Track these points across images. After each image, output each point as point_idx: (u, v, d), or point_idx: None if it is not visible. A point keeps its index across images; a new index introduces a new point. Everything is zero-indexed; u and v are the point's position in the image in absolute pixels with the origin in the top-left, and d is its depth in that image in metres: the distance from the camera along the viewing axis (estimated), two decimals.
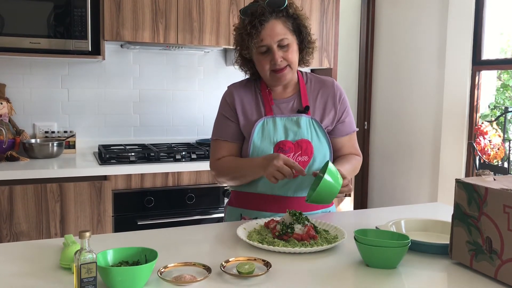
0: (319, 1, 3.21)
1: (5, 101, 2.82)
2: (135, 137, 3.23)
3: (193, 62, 3.33)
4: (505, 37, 3.24)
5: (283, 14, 1.62)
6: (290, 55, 1.63)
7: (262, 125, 1.68)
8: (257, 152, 1.67)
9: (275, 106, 1.71)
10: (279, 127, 1.67)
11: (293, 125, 1.68)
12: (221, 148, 1.74)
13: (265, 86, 1.73)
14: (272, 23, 1.60)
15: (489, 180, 1.23)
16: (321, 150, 1.69)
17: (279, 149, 1.65)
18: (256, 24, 1.58)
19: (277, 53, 1.61)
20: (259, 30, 1.58)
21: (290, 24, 1.64)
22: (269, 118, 1.68)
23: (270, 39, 1.59)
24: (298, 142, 1.67)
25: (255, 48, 1.62)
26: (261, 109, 1.71)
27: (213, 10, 2.92)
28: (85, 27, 2.66)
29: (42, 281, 1.14)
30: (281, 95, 1.74)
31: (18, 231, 2.41)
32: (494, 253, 1.15)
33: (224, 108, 1.75)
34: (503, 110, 3.11)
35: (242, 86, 1.76)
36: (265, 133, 1.67)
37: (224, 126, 1.74)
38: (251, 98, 1.73)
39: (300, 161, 1.66)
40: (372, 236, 1.29)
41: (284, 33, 1.61)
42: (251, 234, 1.45)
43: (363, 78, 4.00)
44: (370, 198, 4.06)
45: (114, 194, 2.58)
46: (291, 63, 1.64)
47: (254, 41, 1.59)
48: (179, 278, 1.12)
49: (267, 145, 1.66)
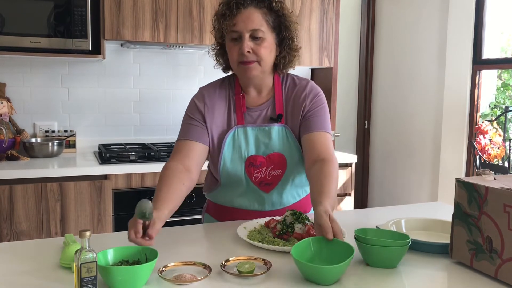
0: (319, 1, 3.21)
1: (5, 100, 2.82)
2: (136, 136, 3.23)
3: (193, 61, 3.33)
4: (506, 37, 3.24)
5: (265, 5, 1.52)
6: (261, 49, 1.50)
7: (233, 136, 1.58)
8: (228, 168, 1.58)
9: (247, 114, 1.60)
10: (250, 139, 1.58)
11: (265, 136, 1.58)
12: (180, 148, 1.59)
13: (239, 89, 1.62)
14: (250, 10, 1.50)
15: (490, 180, 1.23)
16: (293, 161, 1.60)
17: (250, 165, 1.58)
18: (232, 5, 1.49)
19: (246, 43, 1.49)
20: (234, 13, 1.49)
21: (271, 19, 1.53)
22: (240, 128, 1.58)
23: (243, 25, 1.49)
24: (269, 156, 1.58)
25: (227, 32, 1.51)
26: (232, 116, 1.60)
27: (213, 9, 2.91)
28: (85, 26, 2.66)
29: (42, 280, 1.14)
30: (255, 101, 1.62)
31: (18, 230, 2.41)
32: (494, 253, 1.15)
33: (192, 110, 1.62)
34: (503, 109, 3.11)
35: (216, 89, 1.64)
36: (235, 146, 1.58)
37: (189, 126, 1.60)
38: (223, 104, 1.62)
39: (273, 175, 1.59)
40: (372, 235, 1.29)
41: (260, 24, 1.50)
42: (252, 233, 1.45)
43: (363, 77, 3.99)
44: (370, 197, 4.06)
45: (115, 193, 2.58)
46: (260, 59, 1.51)
47: (226, 22, 1.50)
48: (179, 278, 1.12)
49: (237, 161, 1.57)
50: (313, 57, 3.25)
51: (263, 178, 1.59)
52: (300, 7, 3.16)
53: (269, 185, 1.60)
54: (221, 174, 1.60)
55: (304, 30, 3.17)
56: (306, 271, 1.13)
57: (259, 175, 1.58)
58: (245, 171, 1.58)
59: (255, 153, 1.58)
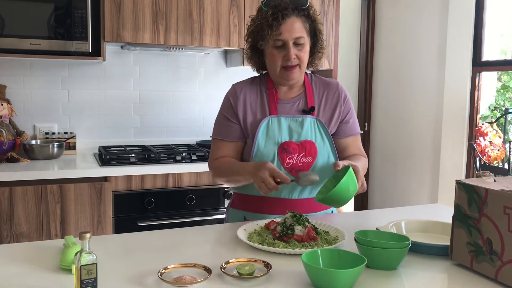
0: (319, 2, 3.22)
1: (5, 102, 2.82)
2: (136, 138, 3.23)
3: (194, 63, 3.33)
4: (505, 39, 3.24)
5: (304, 13, 1.64)
6: (303, 54, 1.64)
7: (267, 124, 1.68)
8: (261, 153, 1.66)
9: (280, 105, 1.71)
10: (284, 128, 1.67)
11: (298, 126, 1.68)
12: (219, 148, 1.74)
13: (271, 84, 1.73)
14: (293, 20, 1.61)
15: (490, 181, 1.23)
16: (324, 151, 1.69)
17: (283, 150, 1.65)
18: (278, 16, 1.59)
19: (292, 50, 1.62)
20: (280, 23, 1.59)
21: (308, 25, 1.65)
22: (274, 118, 1.68)
23: (288, 35, 1.60)
24: (302, 143, 1.67)
25: (272, 41, 1.62)
26: (266, 107, 1.71)
27: (214, 11, 2.92)
28: (86, 28, 2.66)
29: (42, 282, 1.14)
30: (286, 95, 1.74)
31: (18, 232, 2.41)
32: (494, 254, 1.15)
33: (226, 108, 1.75)
34: (503, 111, 3.11)
35: (247, 84, 1.76)
36: (269, 133, 1.67)
37: (224, 126, 1.74)
38: (256, 97, 1.72)
39: (304, 162, 1.66)
40: (373, 237, 1.29)
41: (301, 32, 1.62)
42: (252, 235, 1.45)
43: (363, 79, 4.00)
44: (370, 199, 4.06)
45: (115, 195, 2.58)
46: (301, 63, 1.65)
47: (274, 33, 1.60)
48: (179, 279, 1.12)
49: (271, 146, 1.66)
50: None
51: (295, 165, 1.66)
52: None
53: (300, 171, 1.64)
54: (254, 159, 1.67)
55: None
56: (318, 276, 1.11)
57: (291, 161, 1.66)
58: (278, 157, 1.65)
59: (288, 139, 1.67)
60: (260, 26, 1.64)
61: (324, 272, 1.10)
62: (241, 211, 1.75)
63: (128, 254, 1.35)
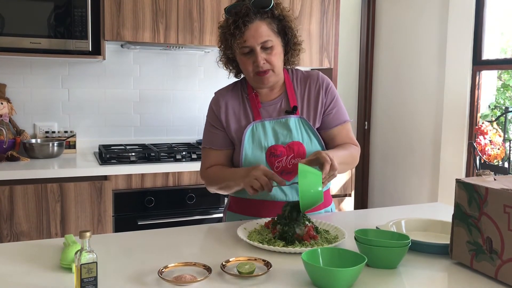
0: (319, 1, 3.21)
1: (5, 101, 2.83)
2: (136, 137, 3.23)
3: (194, 62, 3.33)
4: (506, 37, 3.24)
5: (268, 15, 1.58)
6: (273, 58, 1.59)
7: (252, 131, 1.65)
8: (249, 159, 1.64)
9: (263, 109, 1.68)
10: (269, 132, 1.65)
11: (282, 127, 1.65)
12: (209, 156, 1.73)
13: (251, 88, 1.70)
14: (256, 24, 1.56)
15: (490, 180, 1.23)
16: (313, 149, 1.65)
17: (271, 154, 1.63)
18: (239, 24, 1.54)
19: (260, 55, 1.57)
20: (242, 31, 1.54)
21: (275, 26, 1.60)
22: (257, 123, 1.66)
23: (253, 41, 1.55)
24: (289, 145, 1.64)
25: (238, 49, 1.57)
26: (248, 114, 1.68)
27: (214, 10, 2.92)
28: (86, 27, 2.66)
29: (42, 281, 1.14)
30: (268, 97, 1.70)
31: (18, 231, 2.42)
32: (494, 253, 1.15)
33: (211, 116, 1.74)
34: (503, 110, 3.11)
35: (229, 91, 1.73)
36: (255, 139, 1.65)
37: (211, 135, 1.72)
38: (238, 103, 1.70)
39: (294, 163, 1.63)
40: (373, 236, 1.29)
41: (268, 35, 1.57)
42: (252, 234, 1.45)
43: (364, 78, 4.00)
44: (370, 198, 4.06)
45: (115, 194, 2.58)
46: (274, 67, 1.60)
47: (237, 41, 1.56)
48: (180, 278, 1.12)
49: (258, 152, 1.64)
50: (313, 58, 3.25)
51: (284, 167, 1.64)
52: (300, 8, 3.17)
53: (291, 173, 1.64)
54: (243, 167, 1.65)
55: (304, 31, 3.17)
56: (318, 274, 1.11)
57: (280, 164, 1.64)
58: (267, 161, 1.64)
59: (274, 143, 1.64)
60: (224, 36, 1.60)
61: (324, 271, 1.10)
62: (237, 214, 1.74)
63: (128, 253, 1.35)
